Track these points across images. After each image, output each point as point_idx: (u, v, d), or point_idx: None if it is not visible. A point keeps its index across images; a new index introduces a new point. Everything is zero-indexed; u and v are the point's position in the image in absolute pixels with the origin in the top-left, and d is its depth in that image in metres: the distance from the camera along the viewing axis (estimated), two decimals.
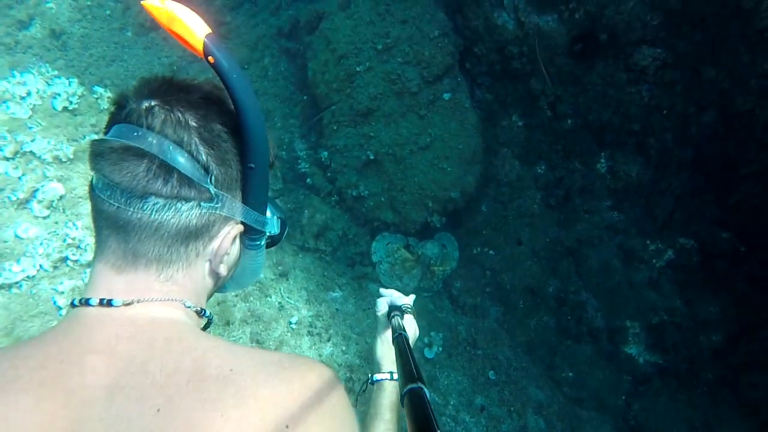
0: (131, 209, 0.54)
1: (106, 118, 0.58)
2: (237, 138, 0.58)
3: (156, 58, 2.87)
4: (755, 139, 1.97)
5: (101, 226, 0.56)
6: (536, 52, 2.15)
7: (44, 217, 1.95)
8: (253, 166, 0.60)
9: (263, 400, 0.53)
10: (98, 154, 0.53)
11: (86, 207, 2.03)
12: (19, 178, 1.97)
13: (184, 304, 0.63)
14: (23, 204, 1.97)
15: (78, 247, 2.01)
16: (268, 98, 2.73)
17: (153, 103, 0.54)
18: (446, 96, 2.30)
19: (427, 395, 0.63)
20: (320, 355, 2.06)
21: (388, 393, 1.01)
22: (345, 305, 2.29)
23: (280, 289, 2.18)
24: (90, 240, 2.05)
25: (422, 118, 2.33)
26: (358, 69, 2.34)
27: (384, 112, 2.35)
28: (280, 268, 2.26)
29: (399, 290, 1.20)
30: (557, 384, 2.44)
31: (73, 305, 0.57)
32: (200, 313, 0.67)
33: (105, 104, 2.47)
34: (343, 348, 2.12)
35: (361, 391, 1.02)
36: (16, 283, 1.90)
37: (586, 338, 2.55)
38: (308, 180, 2.55)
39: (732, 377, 2.37)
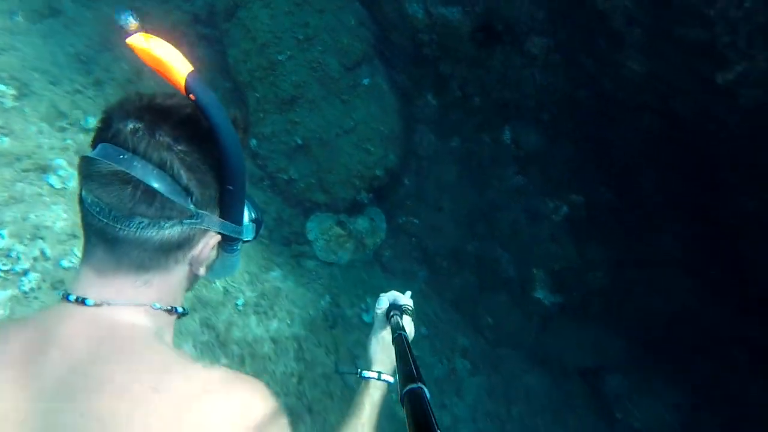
0: (118, 226, 0.58)
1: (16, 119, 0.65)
2: (214, 160, 0.62)
3: (59, 48, 2.72)
4: (620, 116, 2.37)
5: (89, 235, 0.61)
6: None
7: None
8: (231, 188, 0.65)
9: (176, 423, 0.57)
10: (87, 175, 0.58)
11: (7, 214, 1.98)
12: None
13: (153, 306, 0.67)
14: None
15: (8, 256, 1.98)
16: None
17: (137, 126, 0.58)
18: (365, 81, 2.47)
19: (427, 395, 0.65)
20: (267, 330, 2.23)
21: (371, 392, 1.05)
22: (286, 282, 2.46)
23: None
24: (19, 247, 2.02)
25: (345, 102, 2.48)
26: (279, 58, 2.42)
27: (308, 99, 2.47)
28: None
29: (332, 265, 1.32)
30: (479, 331, 2.83)
31: (61, 296, 0.63)
32: (171, 310, 0.70)
33: (9, 102, 2.34)
34: (288, 322, 2.31)
35: (344, 373, 1.08)
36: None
37: (501, 288, 2.94)
38: None
39: (612, 307, 2.88)
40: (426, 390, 0.64)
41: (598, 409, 2.74)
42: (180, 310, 0.71)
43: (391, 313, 1.01)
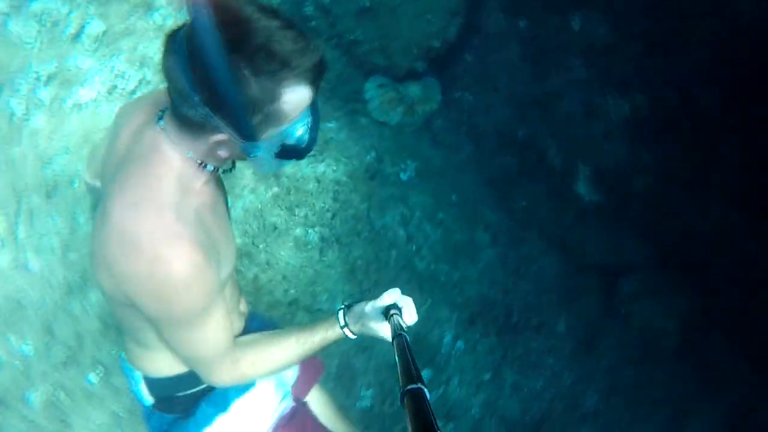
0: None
1: None
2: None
3: None
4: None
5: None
6: None
7: (93, 50, 2.40)
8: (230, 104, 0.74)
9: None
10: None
11: (125, 43, 2.44)
12: (68, 14, 2.37)
13: (188, 154, 0.88)
14: (75, 38, 2.41)
15: (123, 77, 2.49)
16: None
17: (188, 26, 0.74)
18: None
19: (428, 396, 0.65)
20: (315, 172, 2.63)
21: (328, 329, 1.12)
22: (338, 134, 2.79)
23: None
24: (130, 71, 2.50)
25: None
26: None
27: None
28: None
29: (384, 125, 1.44)
30: (510, 211, 3.01)
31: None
32: (201, 164, 0.91)
33: None
34: (334, 168, 2.68)
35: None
36: (84, 103, 2.45)
37: (542, 177, 3.03)
38: (313, 22, 2.84)
39: (649, 216, 2.88)
40: (426, 391, 0.65)
41: (605, 303, 2.92)
42: (210, 168, 0.91)
43: (391, 312, 1.02)
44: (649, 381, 2.86)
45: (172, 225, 0.87)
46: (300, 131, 0.87)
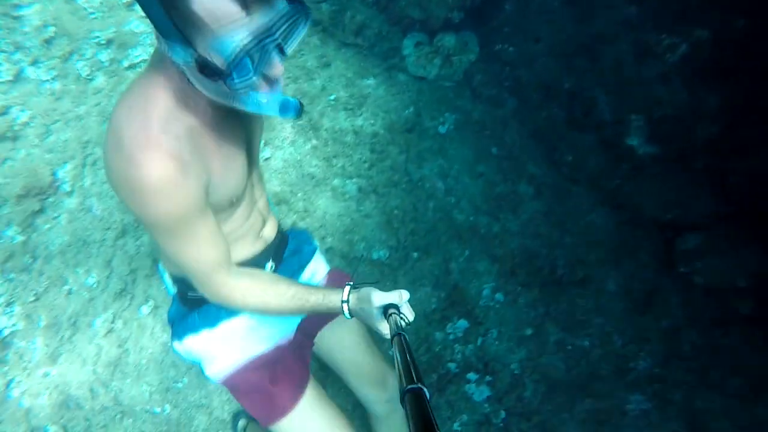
0: None
1: None
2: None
3: None
4: None
5: None
6: None
7: (143, 17, 2.59)
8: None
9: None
10: None
11: None
12: None
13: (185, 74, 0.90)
14: (130, 6, 2.62)
15: None
16: None
17: None
18: None
19: (427, 395, 0.66)
20: (353, 125, 2.67)
21: (332, 297, 1.16)
22: (377, 90, 2.81)
23: (322, 75, 2.74)
24: None
25: None
26: None
27: None
28: (323, 59, 2.78)
29: (422, 80, 1.39)
30: (556, 166, 2.88)
31: None
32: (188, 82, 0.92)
33: None
34: (372, 122, 2.70)
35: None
36: (138, 63, 2.65)
37: (591, 129, 2.87)
38: None
39: (716, 165, 2.63)
40: (426, 391, 0.66)
41: (662, 261, 2.70)
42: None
43: (390, 311, 1.04)
44: (715, 347, 2.61)
45: (153, 133, 0.91)
46: (234, 54, 0.80)
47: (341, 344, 1.61)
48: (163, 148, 0.92)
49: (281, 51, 0.85)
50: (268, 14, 0.80)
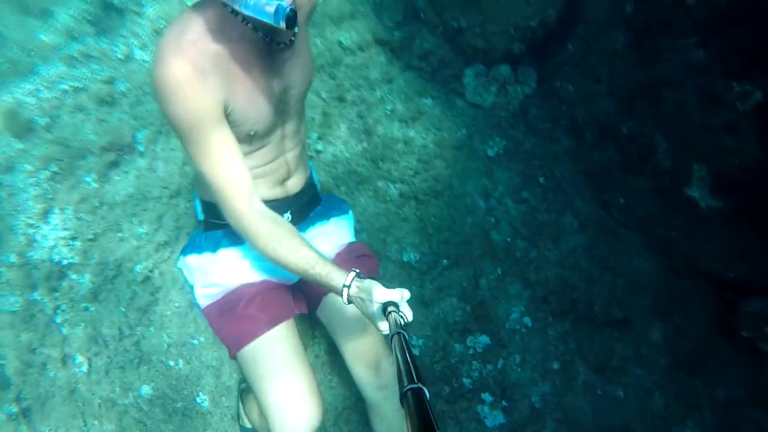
0: None
1: None
2: None
3: None
4: None
5: None
6: None
7: None
8: None
9: None
10: None
11: None
12: None
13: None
14: None
15: None
16: None
17: None
18: None
19: (427, 395, 0.65)
20: (404, 136, 2.77)
21: (334, 276, 1.18)
22: (433, 110, 2.92)
23: (383, 88, 2.91)
24: None
25: None
26: None
27: None
28: (387, 75, 2.97)
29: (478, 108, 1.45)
30: (605, 207, 2.78)
31: None
32: (233, 12, 1.07)
33: None
34: (423, 135, 2.79)
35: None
36: None
37: (647, 175, 2.77)
38: (422, 15, 3.12)
39: None
40: (426, 390, 0.66)
41: (720, 321, 2.44)
42: (229, 6, 1.03)
43: (389, 309, 1.05)
44: None
45: (182, 43, 1.08)
46: None
47: (342, 314, 1.61)
48: (187, 55, 1.07)
49: None
50: None
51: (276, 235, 1.22)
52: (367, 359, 1.59)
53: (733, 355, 2.34)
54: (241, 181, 1.21)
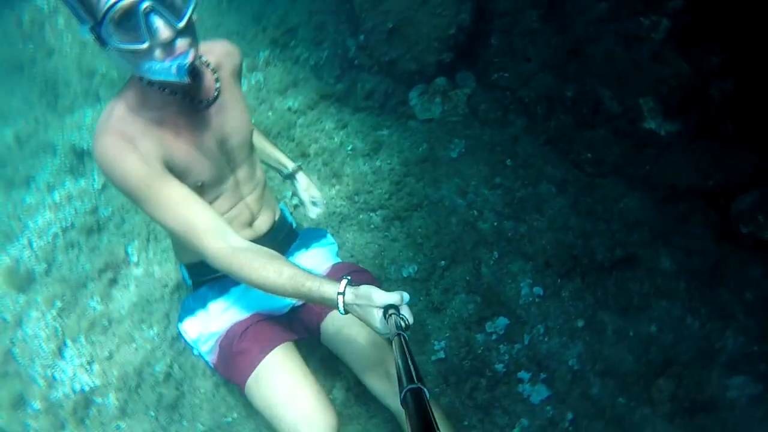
0: None
1: None
2: None
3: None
4: None
5: None
6: None
7: None
8: None
9: None
10: None
11: None
12: None
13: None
14: None
15: None
16: (323, 14, 3.66)
17: None
18: None
19: (427, 395, 0.66)
20: (371, 167, 2.94)
21: (326, 288, 1.16)
22: (391, 137, 3.12)
23: (340, 133, 3.13)
24: None
25: None
26: None
27: None
28: (340, 122, 3.19)
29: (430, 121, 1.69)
30: (575, 164, 2.87)
31: None
32: (143, 82, 1.21)
33: None
34: (388, 161, 2.96)
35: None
36: None
37: (603, 124, 2.89)
38: (356, 62, 3.41)
39: (746, 120, 2.49)
40: (426, 390, 0.67)
41: (716, 228, 2.45)
42: (144, 79, 1.18)
43: (390, 312, 1.07)
44: None
45: (110, 122, 1.21)
46: (102, 11, 1.00)
47: (343, 334, 1.66)
48: (115, 130, 1.19)
49: (159, 14, 1.03)
50: None
51: (258, 262, 1.22)
52: (377, 371, 1.62)
53: (746, 255, 2.33)
54: (208, 221, 1.25)
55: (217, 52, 1.44)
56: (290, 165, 1.84)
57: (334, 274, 1.80)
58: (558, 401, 2.13)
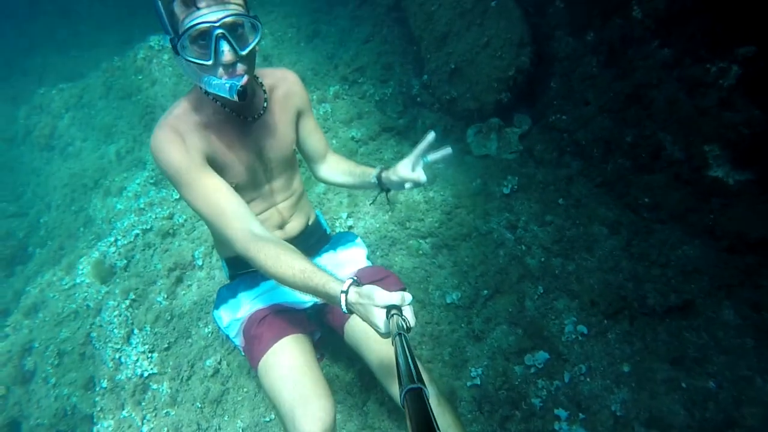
0: None
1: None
2: None
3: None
4: None
5: None
6: None
7: None
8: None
9: None
10: None
11: None
12: None
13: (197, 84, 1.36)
14: None
15: None
16: (390, 55, 3.94)
17: None
18: (493, 4, 3.09)
19: (427, 395, 0.67)
20: (425, 197, 3.04)
21: (332, 285, 1.20)
22: (446, 171, 3.23)
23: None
24: None
25: (480, 25, 3.16)
26: (433, 8, 3.34)
27: (454, 32, 3.27)
28: (399, 154, 3.36)
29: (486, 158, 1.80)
30: (630, 207, 2.80)
31: None
32: (203, 91, 1.40)
33: None
34: (441, 193, 3.06)
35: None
36: None
37: (663, 170, 2.82)
38: (418, 99, 3.61)
39: None
40: (426, 390, 0.67)
41: None
42: (202, 88, 1.35)
43: (392, 312, 1.07)
44: None
45: (168, 118, 1.42)
46: (184, 29, 1.21)
47: (365, 335, 1.72)
48: (169, 125, 1.40)
49: (228, 41, 1.22)
50: (216, 14, 1.20)
51: (274, 251, 1.30)
52: (394, 371, 1.68)
53: None
54: (237, 208, 1.39)
55: (275, 77, 1.63)
56: (373, 171, 1.80)
57: (366, 279, 1.88)
58: None
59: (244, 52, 1.27)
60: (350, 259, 1.98)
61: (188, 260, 3.02)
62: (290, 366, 1.57)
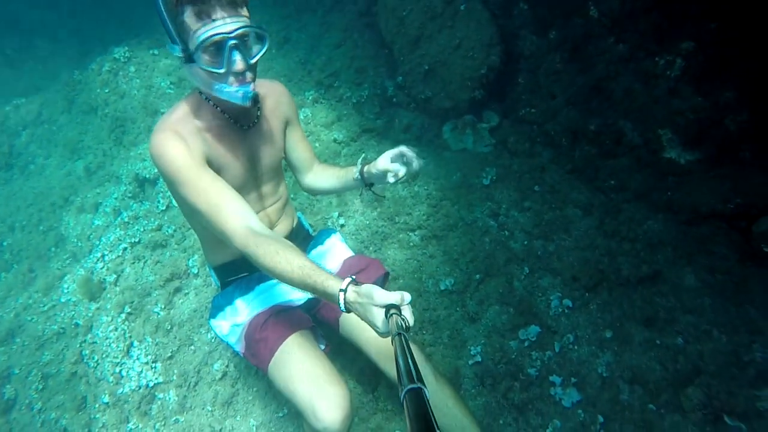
0: None
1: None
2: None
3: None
4: None
5: None
6: None
7: None
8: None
9: None
10: None
11: None
12: None
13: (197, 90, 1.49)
14: None
15: None
16: (363, 59, 4.08)
17: None
18: (462, 7, 3.29)
19: (427, 395, 0.67)
20: (410, 191, 3.21)
21: (330, 283, 1.19)
22: (427, 166, 3.40)
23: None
24: None
25: (451, 28, 3.35)
26: (404, 14, 3.51)
27: (426, 35, 3.45)
28: (381, 152, 3.49)
29: (464, 152, 1.89)
30: (600, 190, 3.07)
31: None
32: (203, 97, 1.48)
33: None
34: (426, 187, 3.23)
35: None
36: None
37: (626, 154, 3.11)
38: (394, 100, 3.77)
39: (763, 148, 2.68)
40: (426, 390, 0.66)
41: (739, 247, 2.59)
42: (203, 94, 1.48)
43: (391, 311, 1.06)
44: None
45: (168, 122, 1.45)
46: (200, 41, 1.27)
47: (360, 327, 1.80)
48: (169, 128, 1.43)
49: (239, 50, 1.29)
50: (230, 25, 1.27)
51: (273, 247, 1.30)
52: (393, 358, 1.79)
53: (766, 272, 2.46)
54: (236, 205, 1.40)
55: (264, 87, 1.68)
56: (355, 169, 1.83)
57: (344, 269, 2.00)
58: (589, 405, 2.25)
59: (253, 61, 1.35)
60: (333, 252, 2.08)
61: (183, 269, 3.06)
62: (301, 361, 1.61)
